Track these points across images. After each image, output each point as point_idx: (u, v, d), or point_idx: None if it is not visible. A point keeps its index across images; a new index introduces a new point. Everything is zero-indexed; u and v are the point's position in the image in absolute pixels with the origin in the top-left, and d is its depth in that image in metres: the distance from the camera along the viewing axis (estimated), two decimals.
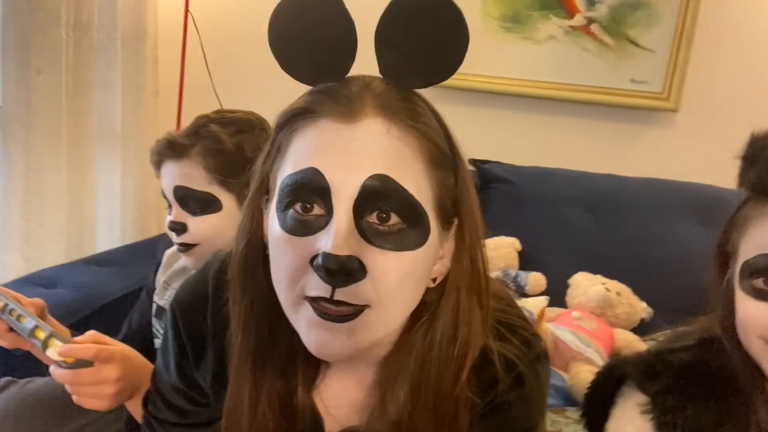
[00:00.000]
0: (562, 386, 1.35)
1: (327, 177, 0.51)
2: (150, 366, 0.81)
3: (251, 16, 2.29)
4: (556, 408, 1.28)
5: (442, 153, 0.55)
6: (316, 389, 0.63)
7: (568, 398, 1.33)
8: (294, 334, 0.55)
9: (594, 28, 2.00)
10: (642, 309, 1.55)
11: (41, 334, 0.77)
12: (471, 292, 0.58)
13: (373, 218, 0.51)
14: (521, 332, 0.63)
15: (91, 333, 0.80)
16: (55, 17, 1.79)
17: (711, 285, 0.70)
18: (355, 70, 0.56)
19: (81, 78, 1.93)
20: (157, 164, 1.02)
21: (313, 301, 0.52)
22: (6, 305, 0.82)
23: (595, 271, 1.59)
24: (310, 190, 0.52)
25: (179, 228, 0.99)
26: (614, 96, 1.98)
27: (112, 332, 1.06)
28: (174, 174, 0.99)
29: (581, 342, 1.41)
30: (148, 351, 0.96)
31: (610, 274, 1.57)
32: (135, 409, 0.82)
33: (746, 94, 1.83)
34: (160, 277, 1.11)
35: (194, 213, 0.98)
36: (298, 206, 0.52)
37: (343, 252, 0.49)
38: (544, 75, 2.01)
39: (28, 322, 0.80)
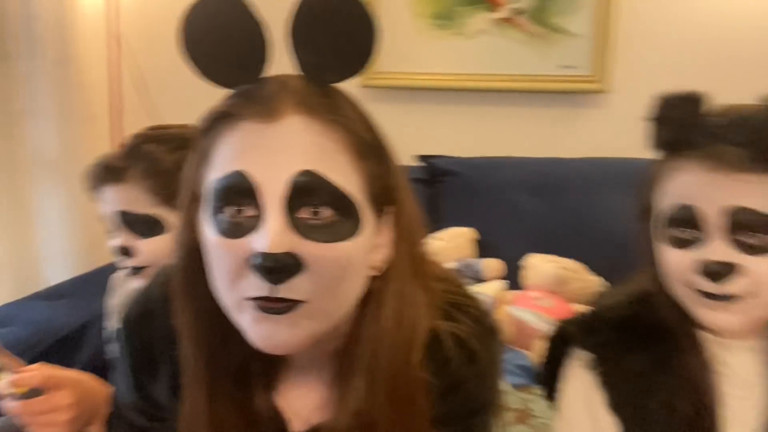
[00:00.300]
0: (527, 365, 1.39)
1: (254, 178, 0.51)
2: (107, 389, 0.79)
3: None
4: (522, 387, 1.32)
5: (366, 144, 0.56)
6: (279, 391, 0.63)
7: (534, 377, 1.37)
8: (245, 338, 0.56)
9: (520, 18, 2.06)
10: (596, 283, 1.62)
11: None
12: (413, 277, 0.60)
13: (304, 213, 0.52)
14: (470, 310, 0.64)
15: (39, 365, 0.78)
16: None
17: (638, 244, 0.75)
18: (279, 71, 0.57)
19: (9, 108, 1.86)
20: (95, 189, 0.99)
21: (254, 300, 0.52)
22: None
23: (548, 252, 1.65)
24: (239, 193, 0.52)
25: (128, 252, 0.97)
26: (547, 82, 2.05)
27: (70, 364, 1.03)
28: (115, 199, 0.97)
29: (541, 320, 1.46)
30: (107, 378, 0.94)
31: (562, 253, 1.63)
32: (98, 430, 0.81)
33: (673, 69, 1.92)
34: (110, 302, 1.09)
35: (141, 235, 0.96)
36: (228, 210, 0.53)
37: (279, 249, 0.50)
38: (479, 68, 2.07)
39: None
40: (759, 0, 1.92)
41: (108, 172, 0.96)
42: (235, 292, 0.53)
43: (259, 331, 0.53)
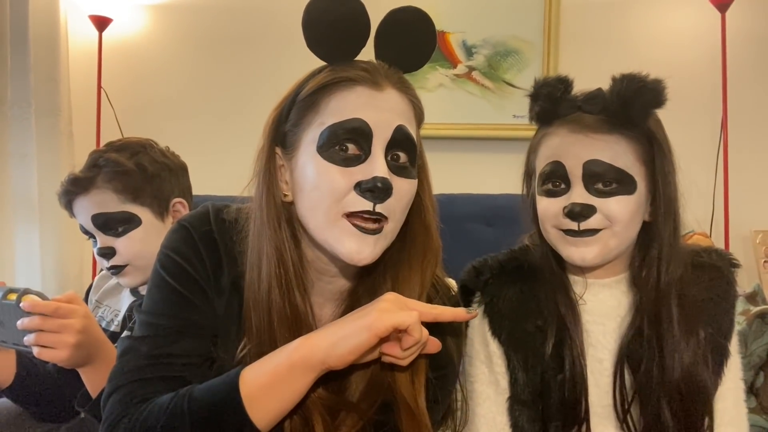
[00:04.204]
0: None
1: (370, 125, 0.69)
2: (108, 341, 0.87)
3: (163, 88, 2.43)
4: None
5: (421, 116, 0.77)
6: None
7: None
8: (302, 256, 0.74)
9: (475, 74, 2.29)
10: None
11: (13, 295, 0.83)
12: (435, 216, 0.78)
13: (389, 156, 0.71)
14: (445, 290, 0.82)
15: (70, 293, 0.86)
16: None
17: (523, 207, 0.90)
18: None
19: None
20: (68, 205, 1.06)
21: (352, 216, 0.69)
22: None
23: None
24: (357, 134, 0.69)
25: (108, 252, 1.04)
26: (500, 130, 2.25)
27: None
28: (87, 206, 1.04)
29: None
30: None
31: None
32: (89, 377, 0.87)
33: None
34: (92, 297, 1.15)
35: (118, 235, 1.03)
36: (338, 147, 0.69)
37: (387, 176, 0.69)
38: (439, 117, 2.26)
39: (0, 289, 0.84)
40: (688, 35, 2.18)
41: (76, 184, 1.04)
42: (336, 207, 0.69)
43: (352, 246, 0.69)
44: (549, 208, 0.82)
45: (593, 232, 0.80)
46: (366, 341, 0.66)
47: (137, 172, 1.05)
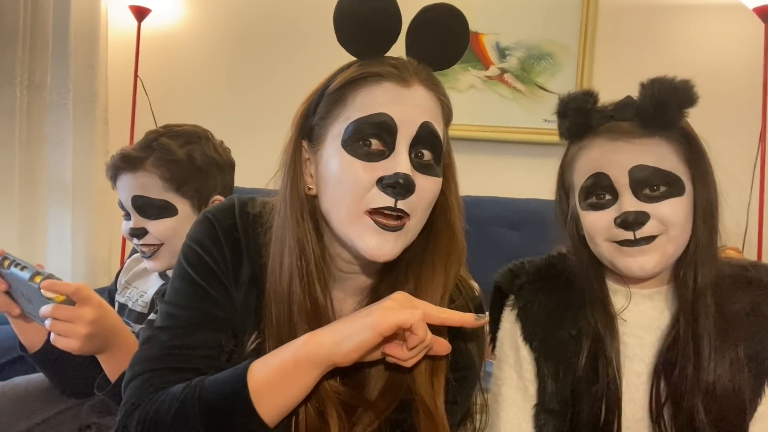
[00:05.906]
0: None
1: (395, 121, 0.69)
2: (125, 329, 0.88)
3: (198, 80, 2.47)
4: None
5: (449, 115, 0.76)
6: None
7: None
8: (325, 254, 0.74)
9: (507, 77, 2.27)
10: None
11: (39, 278, 0.84)
12: (461, 216, 0.77)
13: (413, 153, 0.71)
14: (467, 291, 0.80)
15: (80, 284, 0.86)
16: (10, 77, 1.91)
17: (557, 218, 0.88)
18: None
19: (33, 135, 2.02)
20: (113, 178, 1.09)
21: (374, 213, 0.68)
22: (12, 261, 0.89)
23: None
24: (382, 129, 0.69)
25: (140, 233, 1.06)
26: (531, 134, 2.23)
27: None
28: (131, 185, 1.06)
29: None
30: None
31: None
32: (106, 364, 0.88)
33: None
34: (122, 278, 1.18)
35: (151, 218, 1.06)
36: (362, 142, 0.69)
37: (409, 172, 0.68)
38: (469, 119, 2.25)
39: (30, 270, 0.86)
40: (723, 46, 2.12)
41: (126, 161, 1.06)
42: (359, 203, 0.68)
43: (373, 242, 0.69)
44: (597, 222, 0.79)
45: (650, 239, 0.77)
46: (369, 339, 0.65)
47: (186, 162, 1.07)
